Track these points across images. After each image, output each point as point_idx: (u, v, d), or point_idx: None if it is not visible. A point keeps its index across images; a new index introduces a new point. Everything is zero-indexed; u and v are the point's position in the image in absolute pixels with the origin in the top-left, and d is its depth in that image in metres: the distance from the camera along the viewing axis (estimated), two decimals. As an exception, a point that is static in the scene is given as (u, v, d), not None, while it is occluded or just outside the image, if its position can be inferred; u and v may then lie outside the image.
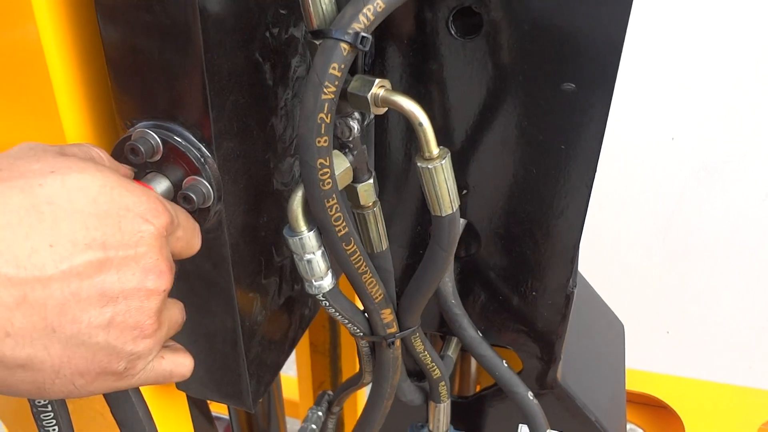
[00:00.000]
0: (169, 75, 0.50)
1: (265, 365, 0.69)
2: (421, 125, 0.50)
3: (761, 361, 1.89)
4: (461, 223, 0.69)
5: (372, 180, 0.58)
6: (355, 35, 0.46)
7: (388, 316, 0.63)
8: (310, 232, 0.55)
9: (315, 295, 0.59)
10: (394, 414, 0.87)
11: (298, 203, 0.54)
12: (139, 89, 0.51)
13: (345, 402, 0.96)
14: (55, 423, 0.54)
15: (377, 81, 0.50)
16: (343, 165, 0.54)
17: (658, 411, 1.12)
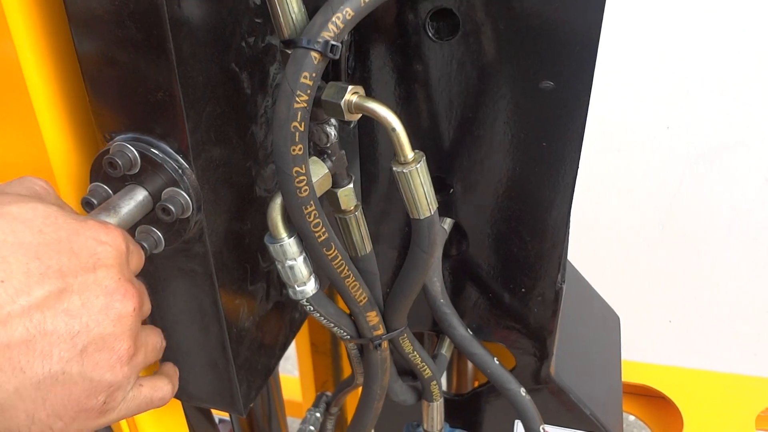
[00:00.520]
0: (144, 88, 0.50)
1: (255, 370, 0.69)
2: (394, 130, 0.50)
3: (766, 347, 1.88)
4: (448, 223, 0.69)
5: (352, 184, 0.58)
6: (325, 44, 0.46)
7: (374, 318, 0.64)
8: (290, 239, 0.55)
9: (299, 301, 0.59)
10: (391, 414, 0.87)
11: (277, 210, 0.54)
12: (116, 102, 0.52)
13: (344, 402, 0.96)
14: None
15: (350, 88, 0.50)
16: (321, 171, 0.55)
17: (655, 401, 1.12)
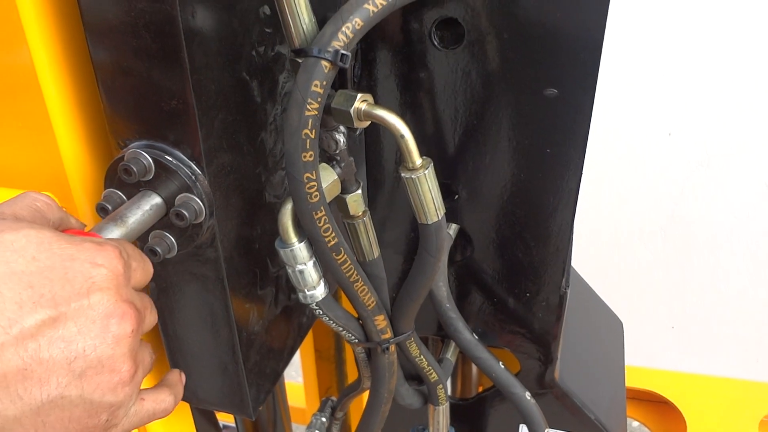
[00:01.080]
0: (158, 96, 0.51)
1: (264, 374, 0.70)
2: (403, 137, 0.51)
3: (769, 353, 1.89)
4: (454, 229, 0.70)
5: (361, 191, 0.59)
6: (336, 53, 0.47)
7: (382, 322, 0.64)
8: (300, 244, 0.56)
9: (308, 305, 0.60)
10: (396, 418, 0.88)
11: (288, 216, 0.55)
12: (130, 110, 0.53)
13: (349, 407, 0.97)
14: None
15: (359, 96, 0.51)
16: (330, 177, 0.56)
17: (659, 407, 1.12)
